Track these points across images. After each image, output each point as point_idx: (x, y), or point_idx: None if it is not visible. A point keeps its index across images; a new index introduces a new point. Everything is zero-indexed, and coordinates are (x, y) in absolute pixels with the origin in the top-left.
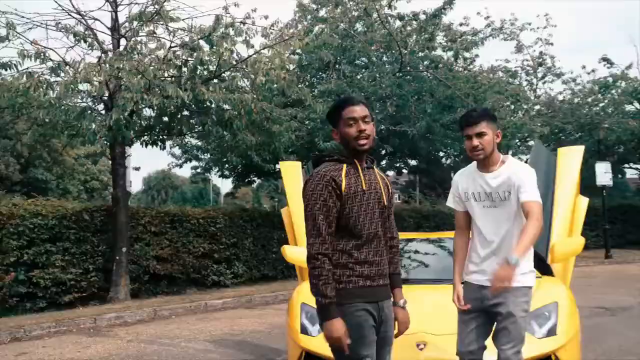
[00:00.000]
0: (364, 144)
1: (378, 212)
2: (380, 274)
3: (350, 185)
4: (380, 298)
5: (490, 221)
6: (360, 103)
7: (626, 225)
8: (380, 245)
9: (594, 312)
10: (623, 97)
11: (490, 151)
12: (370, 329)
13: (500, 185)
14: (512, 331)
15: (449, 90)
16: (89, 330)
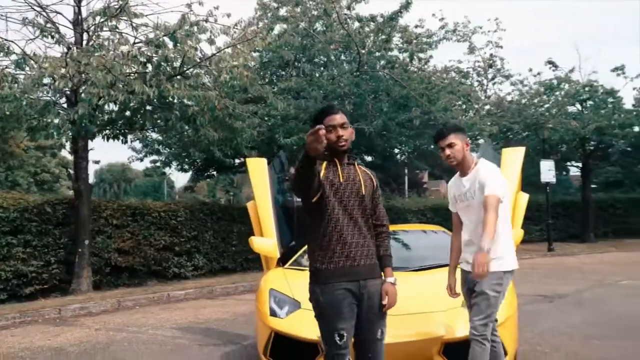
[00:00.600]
0: (342, 145)
1: (357, 201)
2: (361, 254)
3: (328, 176)
4: (362, 276)
5: (468, 217)
6: (339, 112)
7: (568, 220)
8: (361, 229)
9: (533, 299)
10: (566, 98)
11: (461, 158)
12: (349, 306)
13: (471, 185)
14: (483, 306)
15: (404, 90)
16: (54, 320)
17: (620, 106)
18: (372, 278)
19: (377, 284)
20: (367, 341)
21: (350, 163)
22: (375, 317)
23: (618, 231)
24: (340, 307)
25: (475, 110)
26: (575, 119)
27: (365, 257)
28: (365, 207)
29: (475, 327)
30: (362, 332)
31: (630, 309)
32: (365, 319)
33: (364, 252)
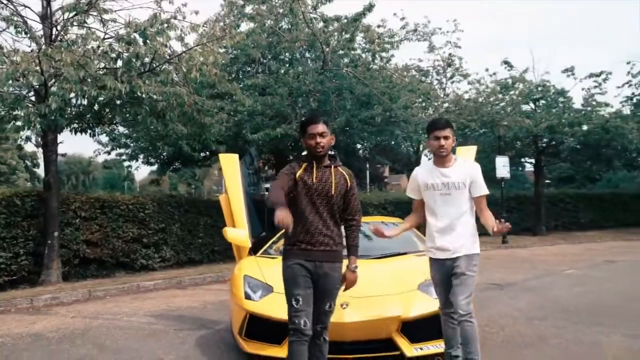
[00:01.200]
0: (319, 151)
1: (325, 200)
2: (321, 242)
3: (303, 177)
4: (317, 259)
5: (446, 206)
6: (321, 122)
7: (521, 214)
8: (326, 222)
9: (486, 287)
10: (520, 98)
11: (449, 151)
12: (302, 277)
13: (458, 178)
14: (465, 286)
15: (367, 89)
16: (27, 310)
17: (570, 106)
18: (329, 262)
19: (334, 267)
20: (318, 311)
21: (328, 166)
22: (327, 293)
23: (567, 224)
24: (296, 278)
25: (434, 108)
26: (529, 118)
27: (325, 245)
28: (332, 204)
29: (462, 307)
30: (316, 303)
31: (570, 295)
32: (319, 293)
33: (324, 241)
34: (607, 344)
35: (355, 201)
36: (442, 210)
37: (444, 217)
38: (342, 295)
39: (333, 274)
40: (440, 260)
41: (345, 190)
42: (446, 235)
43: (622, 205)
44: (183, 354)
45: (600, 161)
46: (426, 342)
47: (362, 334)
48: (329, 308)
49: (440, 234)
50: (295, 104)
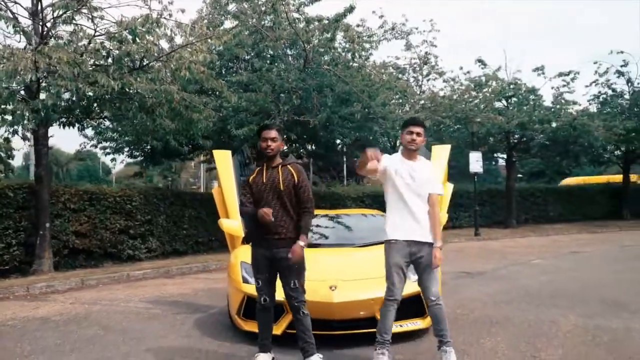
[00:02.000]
0: (268, 152)
1: (276, 195)
2: (275, 232)
3: (255, 178)
4: (274, 246)
5: (412, 195)
6: (273, 129)
7: (493, 207)
8: (278, 215)
9: (458, 275)
10: (493, 95)
11: (418, 147)
12: (262, 264)
13: (422, 172)
14: (437, 276)
15: (347, 86)
16: (25, 297)
17: (541, 103)
18: (284, 247)
19: (285, 252)
20: (286, 290)
21: (275, 166)
22: (288, 273)
23: (537, 218)
24: (257, 264)
25: (410, 105)
26: (501, 114)
27: (279, 233)
28: (282, 198)
29: (434, 294)
30: (283, 283)
31: (535, 282)
32: (282, 274)
33: (277, 230)
34: (564, 323)
35: (305, 193)
36: (410, 197)
37: (409, 205)
38: (332, 279)
39: (287, 256)
40: (405, 245)
41: (293, 184)
42: (416, 222)
43: (589, 200)
44: (184, 333)
45: (568, 157)
46: (405, 320)
47: (349, 313)
48: (294, 285)
49: (413, 221)
50: (278, 100)
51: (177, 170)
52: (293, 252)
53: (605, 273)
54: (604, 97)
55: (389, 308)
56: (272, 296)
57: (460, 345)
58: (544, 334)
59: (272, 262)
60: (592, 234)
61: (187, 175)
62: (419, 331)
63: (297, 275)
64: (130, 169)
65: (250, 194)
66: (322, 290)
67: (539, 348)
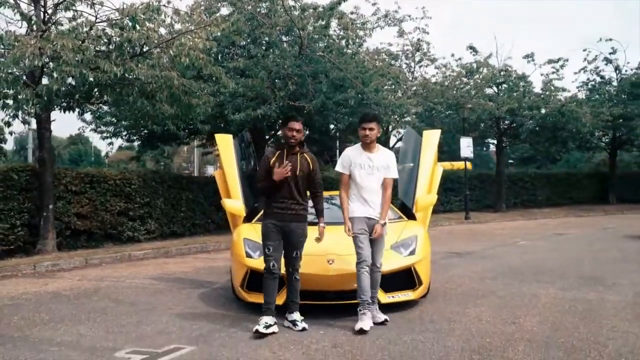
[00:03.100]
0: (292, 142)
1: (294, 180)
2: (289, 208)
3: (276, 162)
4: (286, 220)
5: (370, 182)
6: (300, 121)
7: (484, 192)
8: (293, 196)
9: (448, 255)
10: (484, 81)
11: (374, 140)
12: (272, 232)
13: (379, 162)
14: (382, 248)
15: (342, 73)
16: (32, 274)
17: (530, 90)
18: (294, 222)
19: (299, 226)
20: (289, 257)
21: (295, 153)
22: (294, 244)
23: (525, 202)
24: (268, 233)
25: (403, 91)
26: (492, 100)
27: (292, 210)
28: (298, 182)
29: (377, 261)
30: (287, 252)
31: (519, 261)
32: (288, 244)
33: (292, 208)
34: (544, 295)
35: (318, 179)
36: (366, 183)
37: (367, 189)
38: (329, 254)
39: (297, 230)
40: (363, 218)
41: (308, 171)
42: (372, 204)
43: (576, 184)
44: (191, 304)
45: (557, 143)
46: (397, 291)
47: (344, 285)
48: (296, 255)
49: (370, 203)
50: (274, 86)
51: (169, 154)
52: (320, 232)
53: (585, 252)
54: (592, 84)
55: (361, 271)
56: (279, 262)
57: (447, 314)
58: (524, 305)
59: (283, 233)
60: (578, 217)
61: (179, 159)
62: (410, 302)
63: (300, 247)
64: (123, 153)
65: (268, 176)
66: (320, 263)
67: (518, 315)
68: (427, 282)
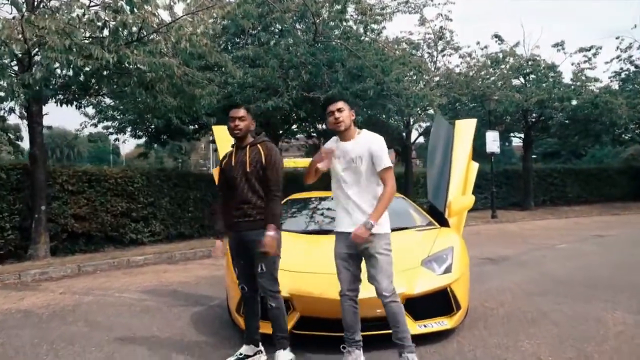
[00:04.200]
0: (236, 133)
1: (244, 177)
2: (245, 213)
3: (225, 161)
4: (242, 229)
5: (350, 180)
6: (242, 107)
7: (510, 189)
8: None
9: (480, 262)
10: (511, 72)
11: (348, 125)
12: (235, 250)
13: (360, 151)
14: (385, 268)
15: (359, 61)
16: (15, 285)
17: (560, 80)
18: (251, 229)
19: (259, 234)
20: (255, 275)
21: (244, 146)
22: (257, 257)
23: (555, 199)
24: (232, 250)
25: (425, 82)
26: (519, 92)
27: (248, 215)
28: (250, 180)
29: (386, 289)
30: (252, 267)
31: (563, 268)
32: (250, 258)
33: (248, 214)
34: (611, 321)
35: (272, 173)
36: (348, 181)
37: (351, 191)
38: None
39: (256, 239)
40: (344, 234)
41: (261, 165)
42: (356, 209)
43: (608, 180)
44: (178, 330)
45: (589, 136)
46: (430, 319)
47: (370, 309)
48: (261, 270)
49: (348, 209)
50: (287, 76)
51: (187, 151)
52: (264, 243)
53: (636, 258)
54: (627, 74)
55: (343, 305)
56: (249, 284)
57: (494, 349)
58: (591, 336)
59: (244, 247)
60: (614, 216)
61: (197, 156)
62: (446, 332)
63: (265, 259)
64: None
65: (224, 180)
66: (330, 284)
67: (589, 354)
68: (465, 305)
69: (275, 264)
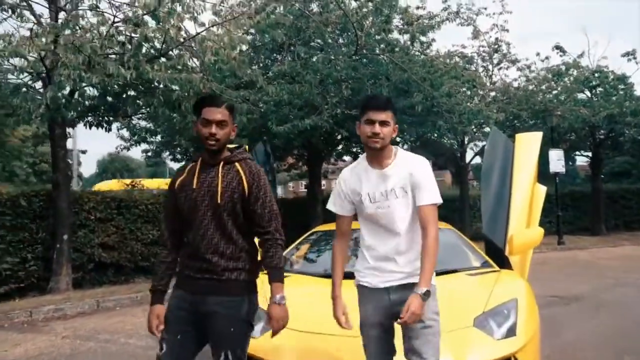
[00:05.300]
0: (212, 145)
1: (209, 211)
2: (205, 268)
3: (184, 183)
4: (199, 291)
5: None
6: (222, 105)
7: (577, 212)
8: (212, 242)
9: (548, 301)
10: (575, 85)
11: (387, 144)
12: (177, 318)
13: (398, 181)
14: (432, 338)
15: (405, 75)
16: (22, 325)
17: (632, 92)
18: (215, 295)
19: (225, 303)
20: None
21: (215, 164)
22: (219, 340)
23: (630, 223)
24: (168, 316)
25: (480, 97)
26: (585, 106)
27: (210, 272)
28: (220, 216)
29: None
30: (212, 352)
31: None
32: (211, 339)
33: (209, 267)
34: None
35: (264, 207)
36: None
37: (386, 235)
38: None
39: (223, 311)
40: (377, 292)
41: (241, 194)
42: (390, 259)
43: None
44: None
45: None
46: None
47: None
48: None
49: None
50: (326, 92)
51: None
52: (273, 318)
53: None
54: None
55: None
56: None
57: None
58: None
59: (195, 318)
60: None
61: None
62: None
63: (234, 343)
64: None
65: (172, 209)
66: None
67: None
68: None
69: (246, 347)
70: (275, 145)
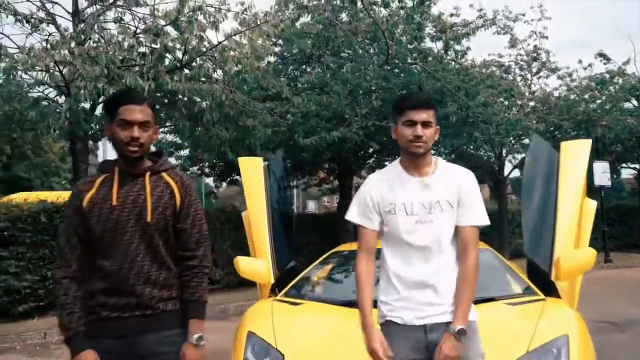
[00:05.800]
0: (133, 151)
1: (138, 232)
2: (137, 304)
3: (96, 199)
4: (132, 331)
5: (422, 240)
6: (144, 103)
7: (624, 227)
8: (142, 271)
9: (600, 327)
10: (621, 93)
11: (429, 149)
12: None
13: (442, 192)
14: None
15: (439, 84)
16: (34, 347)
17: None
18: (155, 331)
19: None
20: None
21: (138, 174)
22: None
23: None
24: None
25: (518, 107)
26: (632, 116)
27: (144, 307)
28: (151, 237)
29: None
30: None
31: None
32: None
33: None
34: None
35: (194, 227)
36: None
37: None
38: None
39: (166, 349)
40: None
41: (173, 210)
42: (425, 286)
43: None
44: None
45: None
46: None
47: None
48: None
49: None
50: (356, 103)
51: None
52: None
53: None
54: None
55: None
56: None
57: None
58: None
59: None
60: None
61: None
62: None
63: None
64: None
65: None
66: None
67: None
68: None
69: None
70: (303, 158)
